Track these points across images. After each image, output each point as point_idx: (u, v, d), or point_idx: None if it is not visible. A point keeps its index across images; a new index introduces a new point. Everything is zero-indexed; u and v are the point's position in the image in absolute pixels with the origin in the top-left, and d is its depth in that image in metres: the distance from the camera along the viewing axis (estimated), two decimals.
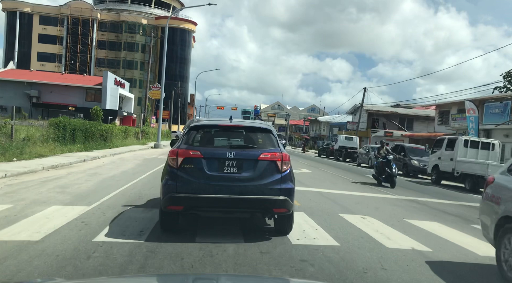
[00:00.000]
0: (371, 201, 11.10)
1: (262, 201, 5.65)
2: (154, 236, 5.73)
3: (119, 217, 6.94)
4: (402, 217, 8.85)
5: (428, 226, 8.00)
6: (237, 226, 6.68)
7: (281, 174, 5.74)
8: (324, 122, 67.66)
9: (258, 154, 5.77)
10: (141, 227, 6.22)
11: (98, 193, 9.20)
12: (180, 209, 5.70)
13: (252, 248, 5.41)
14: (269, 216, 6.41)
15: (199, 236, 5.97)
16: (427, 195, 13.99)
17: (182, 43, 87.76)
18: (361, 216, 8.37)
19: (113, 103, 56.79)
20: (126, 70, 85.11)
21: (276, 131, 6.65)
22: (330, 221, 7.69)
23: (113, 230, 5.99)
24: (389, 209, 9.95)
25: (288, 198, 5.72)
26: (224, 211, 6.06)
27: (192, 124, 6.32)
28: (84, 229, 6.02)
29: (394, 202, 11.25)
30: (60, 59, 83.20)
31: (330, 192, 12.09)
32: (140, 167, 15.88)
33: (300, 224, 7.04)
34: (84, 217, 6.77)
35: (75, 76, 62.87)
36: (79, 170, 13.66)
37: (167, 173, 5.75)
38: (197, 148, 5.82)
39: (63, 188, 9.71)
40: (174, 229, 6.04)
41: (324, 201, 10.18)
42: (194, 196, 5.56)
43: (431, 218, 9.11)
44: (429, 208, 10.88)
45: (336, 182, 15.72)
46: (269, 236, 6.11)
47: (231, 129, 6.49)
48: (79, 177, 11.80)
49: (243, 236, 6.02)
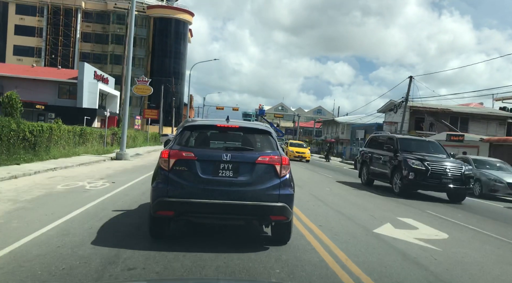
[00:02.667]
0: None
1: (259, 207, 5.30)
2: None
3: None
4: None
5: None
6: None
7: (280, 179, 5.42)
8: (344, 124, 57.53)
9: (256, 157, 5.46)
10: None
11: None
12: (170, 215, 5.35)
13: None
14: (266, 224, 5.96)
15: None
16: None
17: (177, 35, 78.10)
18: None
19: (92, 101, 47.73)
20: (114, 65, 75.53)
21: (275, 133, 6.15)
22: None
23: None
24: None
25: (287, 204, 5.38)
26: (218, 217, 5.55)
27: (186, 124, 6.03)
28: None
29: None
30: (40, 53, 74.08)
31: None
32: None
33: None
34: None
35: (47, 69, 53.35)
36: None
37: (158, 175, 5.42)
38: (191, 149, 5.50)
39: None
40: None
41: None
42: (186, 201, 5.22)
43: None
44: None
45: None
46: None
47: (227, 130, 5.97)
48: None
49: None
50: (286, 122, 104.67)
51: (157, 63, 76.51)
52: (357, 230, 7.44)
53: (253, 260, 5.03)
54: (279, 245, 5.73)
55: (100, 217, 6.92)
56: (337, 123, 60.32)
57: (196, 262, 4.79)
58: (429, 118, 35.68)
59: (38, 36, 73.46)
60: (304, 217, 8.12)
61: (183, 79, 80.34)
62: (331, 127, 64.94)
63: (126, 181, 12.06)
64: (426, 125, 35.94)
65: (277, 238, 5.93)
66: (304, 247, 5.88)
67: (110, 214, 7.19)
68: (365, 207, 10.42)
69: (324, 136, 66.15)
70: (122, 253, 4.97)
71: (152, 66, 76.52)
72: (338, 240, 6.43)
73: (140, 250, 5.10)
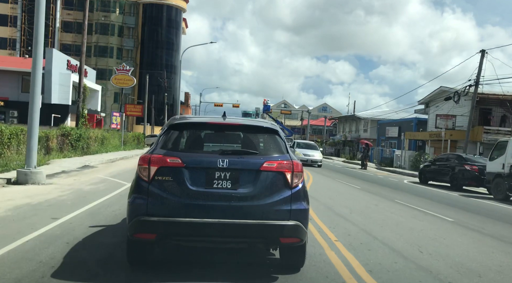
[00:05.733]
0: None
1: (266, 227, 4.21)
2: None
3: None
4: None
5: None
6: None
7: (291, 190, 4.32)
8: (367, 120, 48.64)
9: (261, 162, 4.32)
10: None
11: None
12: (152, 238, 4.24)
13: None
14: (274, 247, 4.88)
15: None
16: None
17: (170, 23, 69.54)
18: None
19: (64, 96, 39.56)
20: (99, 58, 67.23)
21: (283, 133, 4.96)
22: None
23: None
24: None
25: (300, 223, 4.30)
26: (213, 241, 4.42)
27: (173, 122, 4.76)
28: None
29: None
30: (14, 44, 65.91)
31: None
32: None
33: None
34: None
35: (8, 58, 45.07)
36: None
37: (135, 188, 4.27)
38: (177, 154, 4.32)
39: None
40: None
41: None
42: (171, 221, 4.11)
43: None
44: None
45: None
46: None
47: (224, 129, 4.93)
48: None
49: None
50: (291, 121, 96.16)
51: (147, 55, 68.04)
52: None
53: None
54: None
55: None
56: (358, 119, 51.24)
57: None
58: (497, 109, 27.11)
59: (12, 26, 65.06)
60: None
61: (176, 73, 71.60)
62: (349, 125, 56.02)
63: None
64: (497, 118, 27.41)
65: (288, 263, 4.84)
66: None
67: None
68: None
69: (340, 135, 57.29)
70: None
71: (142, 59, 68.00)
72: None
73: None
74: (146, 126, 50.38)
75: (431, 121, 32.11)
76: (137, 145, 33.36)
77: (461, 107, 27.68)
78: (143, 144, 36.71)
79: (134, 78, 36.25)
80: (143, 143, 36.56)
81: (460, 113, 27.44)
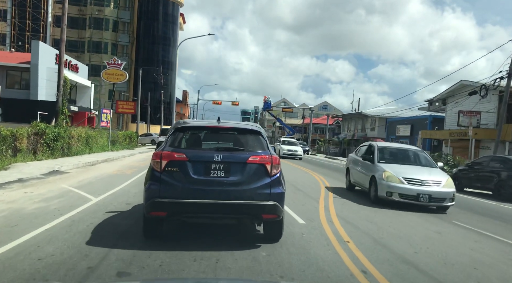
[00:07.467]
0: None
1: (251, 206, 5.49)
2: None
3: None
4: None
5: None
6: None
7: (270, 178, 5.58)
8: (375, 118, 45.92)
9: (247, 157, 5.60)
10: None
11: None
12: (163, 215, 5.52)
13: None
14: (258, 222, 6.20)
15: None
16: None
17: (166, 18, 66.95)
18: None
19: (52, 92, 36.46)
20: (93, 54, 64.61)
21: (265, 133, 6.25)
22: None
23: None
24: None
25: (278, 203, 5.56)
26: (210, 217, 5.78)
27: (178, 126, 6.19)
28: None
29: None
30: (4, 39, 63.32)
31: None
32: None
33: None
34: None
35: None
36: None
37: (150, 177, 5.54)
38: (182, 151, 5.64)
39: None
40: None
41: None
42: (178, 202, 5.39)
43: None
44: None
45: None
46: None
47: (218, 131, 6.24)
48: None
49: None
50: (291, 119, 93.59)
51: (143, 50, 65.40)
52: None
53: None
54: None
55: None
56: (364, 117, 48.56)
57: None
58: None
59: (2, 20, 62.35)
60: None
61: (173, 70, 69.10)
62: (354, 123, 53.30)
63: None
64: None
65: (269, 236, 6.09)
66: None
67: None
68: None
69: (345, 133, 54.56)
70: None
71: (138, 55, 65.34)
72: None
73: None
74: (140, 125, 47.61)
75: (448, 118, 29.55)
76: (128, 145, 30.55)
77: (485, 103, 25.17)
78: (136, 144, 33.95)
79: (126, 73, 33.69)
80: (135, 142, 33.81)
81: (484, 110, 24.92)
